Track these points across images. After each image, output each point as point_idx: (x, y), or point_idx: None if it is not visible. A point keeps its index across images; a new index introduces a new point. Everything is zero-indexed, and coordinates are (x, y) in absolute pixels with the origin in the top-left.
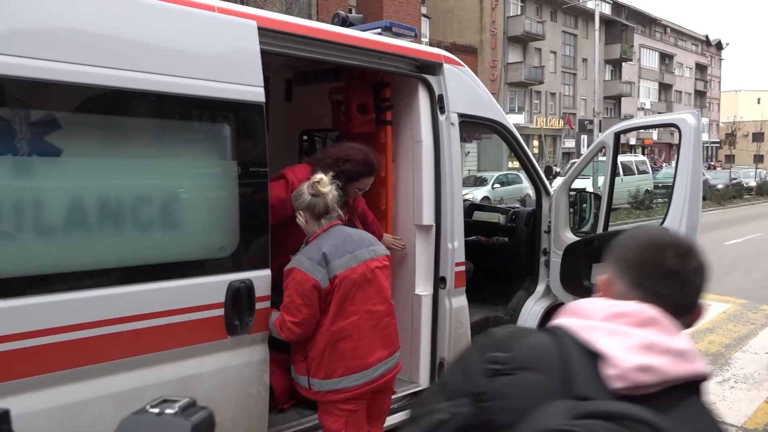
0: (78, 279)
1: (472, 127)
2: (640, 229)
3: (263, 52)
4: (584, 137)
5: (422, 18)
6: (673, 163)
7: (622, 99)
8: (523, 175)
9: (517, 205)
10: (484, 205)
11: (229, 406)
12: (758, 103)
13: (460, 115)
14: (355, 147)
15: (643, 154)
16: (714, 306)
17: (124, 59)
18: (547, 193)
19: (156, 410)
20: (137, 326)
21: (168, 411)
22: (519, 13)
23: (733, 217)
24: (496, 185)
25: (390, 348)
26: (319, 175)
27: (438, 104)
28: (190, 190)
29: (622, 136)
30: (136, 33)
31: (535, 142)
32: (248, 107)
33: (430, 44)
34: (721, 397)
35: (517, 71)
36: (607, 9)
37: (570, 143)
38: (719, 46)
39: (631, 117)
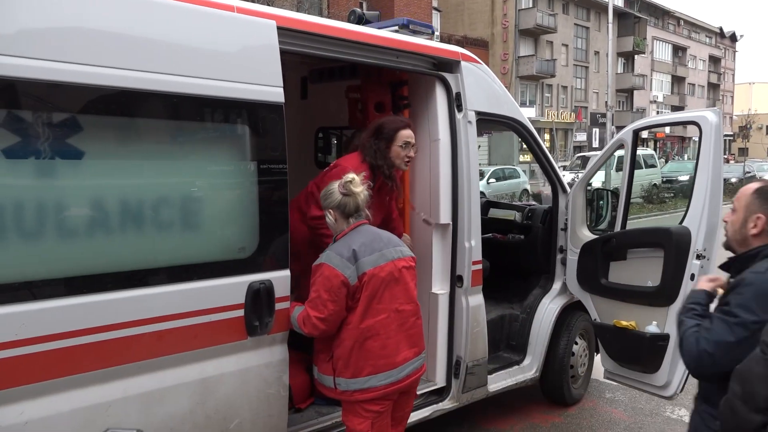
0: (100, 281)
1: (489, 124)
2: None
3: (282, 52)
4: (596, 131)
5: (433, 11)
6: (685, 157)
7: (635, 92)
8: (539, 171)
9: (533, 202)
10: (500, 203)
11: (249, 407)
12: None
13: (478, 113)
14: (383, 116)
15: (655, 147)
16: None
17: (143, 61)
18: (564, 190)
19: None
20: (158, 328)
21: None
22: (531, 5)
23: None
24: (492, 180)
25: (416, 348)
26: (351, 175)
27: (455, 102)
28: (210, 192)
29: (640, 133)
30: (156, 34)
31: (546, 136)
32: (268, 107)
33: (441, 38)
34: None
35: (528, 64)
36: (619, 1)
37: (581, 137)
38: (733, 38)
39: (644, 110)
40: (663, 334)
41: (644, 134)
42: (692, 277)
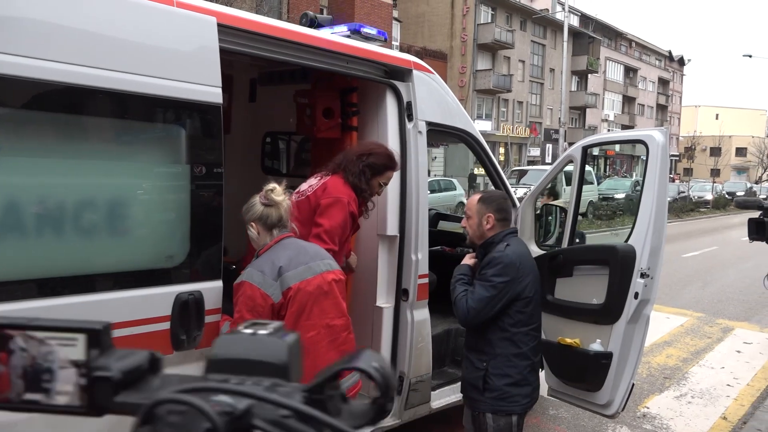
0: (5, 290)
1: (440, 135)
2: None
3: (223, 51)
4: (549, 146)
5: (393, 21)
6: (634, 175)
7: (587, 110)
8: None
9: None
10: (450, 215)
11: None
12: (716, 118)
13: (429, 124)
14: (376, 143)
15: (605, 165)
16: (672, 319)
17: (66, 52)
18: (514, 204)
19: (249, 331)
20: None
21: (261, 332)
22: (489, 21)
23: (691, 230)
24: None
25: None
26: (273, 185)
27: (406, 112)
28: (137, 195)
29: (589, 150)
30: (83, 23)
31: (501, 150)
32: (204, 108)
33: (401, 48)
34: (678, 413)
35: (485, 78)
36: (575, 21)
37: (535, 152)
38: (681, 61)
39: (595, 128)
40: (606, 353)
41: (595, 151)
42: (636, 295)
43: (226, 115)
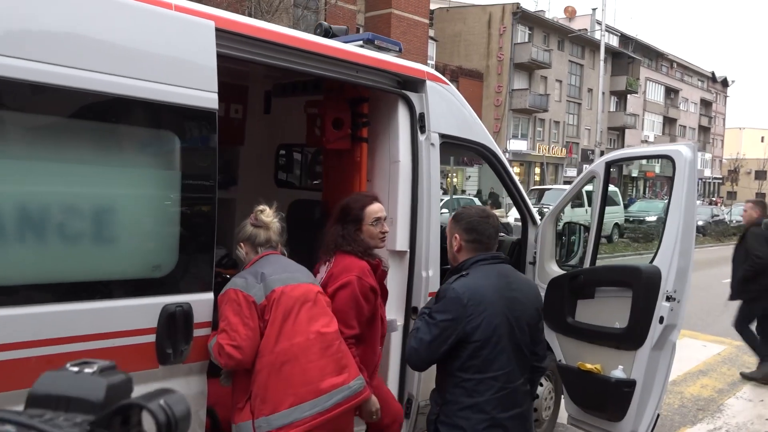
0: None
1: (456, 149)
2: None
3: (222, 57)
4: (586, 166)
5: (429, 41)
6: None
7: (626, 130)
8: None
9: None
10: None
11: None
12: (762, 141)
13: (442, 136)
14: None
15: (645, 187)
16: (708, 347)
17: (58, 53)
18: (534, 222)
19: (75, 369)
20: (48, 352)
21: (87, 370)
22: (526, 40)
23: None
24: (444, 210)
25: (345, 374)
26: (263, 206)
27: (419, 123)
28: (123, 201)
29: (614, 166)
30: (76, 25)
31: (537, 170)
32: (199, 113)
33: (437, 67)
34: None
35: (522, 98)
36: (614, 41)
37: (572, 172)
38: (725, 83)
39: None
40: (629, 380)
41: (634, 173)
42: (661, 319)
43: (240, 127)
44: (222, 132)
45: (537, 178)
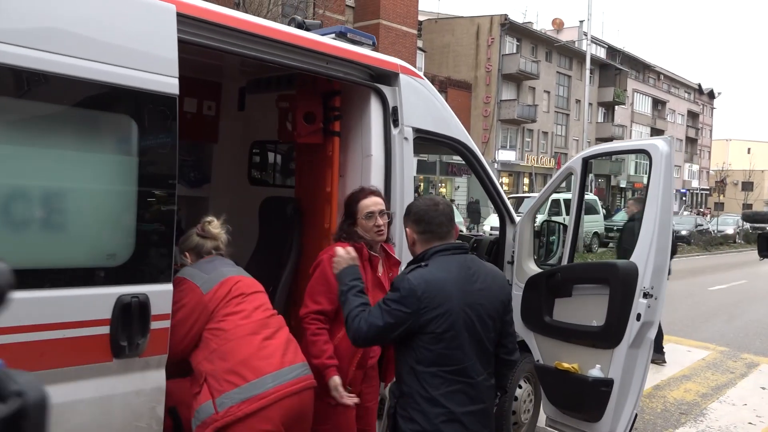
0: None
1: (431, 144)
2: None
3: (185, 43)
4: (573, 178)
5: (418, 51)
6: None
7: (614, 141)
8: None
9: (480, 233)
10: None
11: None
12: (748, 152)
13: (416, 130)
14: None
15: (633, 196)
16: (693, 352)
17: (8, 32)
18: (512, 221)
19: None
20: None
21: None
22: (514, 51)
23: (720, 264)
24: None
25: (299, 358)
26: (210, 217)
27: (392, 117)
28: (76, 186)
29: (591, 162)
30: (30, 4)
31: (526, 180)
32: (157, 99)
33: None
34: None
35: (510, 108)
36: (602, 53)
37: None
38: (711, 94)
39: (623, 159)
40: (606, 380)
41: (623, 184)
42: (638, 317)
43: (214, 124)
44: (195, 129)
45: (526, 188)
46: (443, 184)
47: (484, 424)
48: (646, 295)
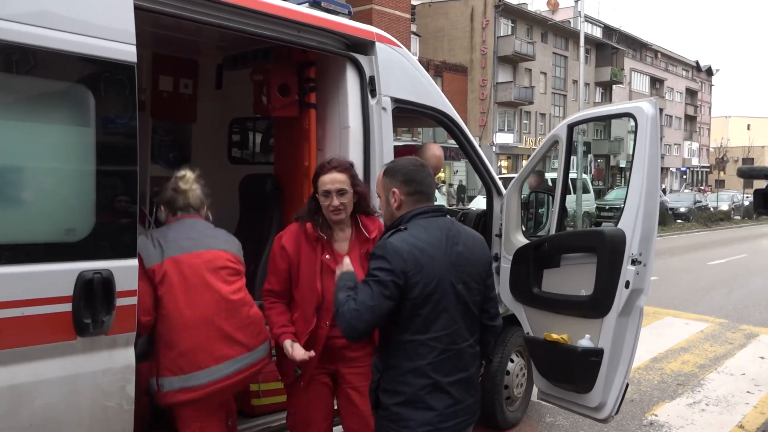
0: None
1: (412, 114)
2: None
3: (144, 10)
4: (574, 158)
5: (412, 36)
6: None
7: (612, 120)
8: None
9: (468, 207)
10: None
11: (79, 422)
12: (748, 129)
13: (395, 100)
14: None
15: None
16: (691, 325)
17: None
18: (499, 192)
19: None
20: None
21: None
22: (509, 33)
23: (720, 239)
24: None
25: (251, 341)
26: (183, 172)
27: (369, 87)
28: (29, 159)
29: (577, 128)
30: None
31: (524, 162)
32: (114, 67)
33: (420, 63)
34: (690, 421)
35: (506, 91)
36: (598, 32)
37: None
38: (709, 71)
39: (621, 139)
40: (596, 349)
41: (622, 164)
42: (627, 284)
43: (191, 103)
44: (172, 108)
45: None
46: (442, 169)
47: (469, 392)
48: (634, 262)
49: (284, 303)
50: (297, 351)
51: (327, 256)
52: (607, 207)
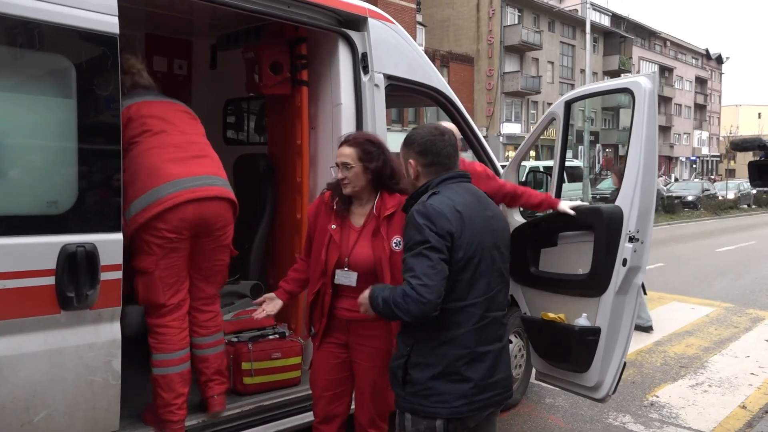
0: None
1: (406, 92)
2: None
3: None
4: (581, 148)
5: (418, 26)
6: (672, 177)
7: (621, 110)
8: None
9: None
10: None
11: (64, 396)
12: (759, 117)
13: (388, 77)
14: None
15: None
16: (697, 309)
17: None
18: (496, 172)
19: None
20: None
21: None
22: (516, 22)
23: (729, 226)
24: None
25: (212, 171)
26: (126, 55)
27: (361, 63)
28: (10, 131)
29: (574, 105)
30: None
31: (532, 152)
32: (96, 38)
33: (426, 53)
34: (691, 402)
35: (513, 81)
36: (606, 21)
37: (568, 153)
38: (719, 60)
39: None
40: (593, 328)
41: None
42: (624, 262)
43: (186, 84)
44: (167, 89)
45: (533, 161)
46: None
47: (503, 365)
48: (631, 239)
49: (306, 262)
50: (263, 306)
51: (333, 226)
52: (598, 197)
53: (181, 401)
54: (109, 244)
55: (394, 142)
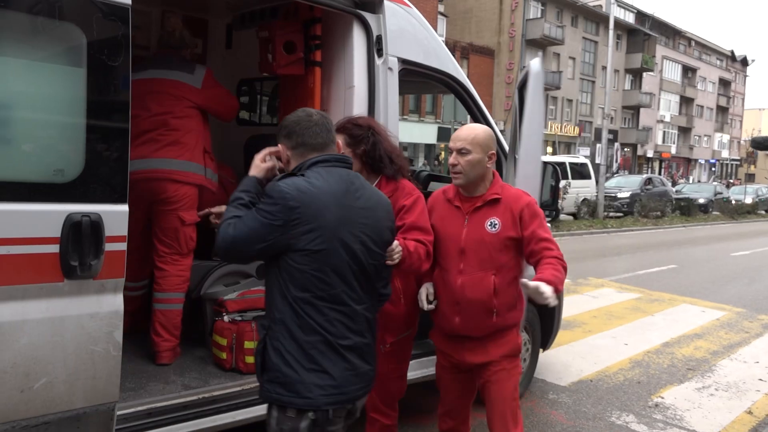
0: None
1: (420, 78)
2: None
3: None
4: (599, 146)
5: (439, 17)
6: (690, 179)
7: (641, 110)
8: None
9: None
10: (443, 176)
11: (65, 364)
12: None
13: (403, 61)
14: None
15: (660, 168)
16: (707, 313)
17: None
18: (506, 157)
19: None
20: None
21: None
22: (539, 16)
23: (746, 231)
24: None
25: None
26: None
27: (375, 46)
28: (18, 98)
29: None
30: None
31: (549, 149)
32: (107, 6)
33: (447, 44)
34: (697, 405)
35: None
36: (630, 18)
37: (584, 152)
38: (744, 62)
39: (650, 129)
40: None
41: (650, 153)
42: None
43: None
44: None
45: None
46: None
47: (367, 360)
48: None
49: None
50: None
51: None
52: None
53: None
54: (115, 215)
55: (409, 132)
